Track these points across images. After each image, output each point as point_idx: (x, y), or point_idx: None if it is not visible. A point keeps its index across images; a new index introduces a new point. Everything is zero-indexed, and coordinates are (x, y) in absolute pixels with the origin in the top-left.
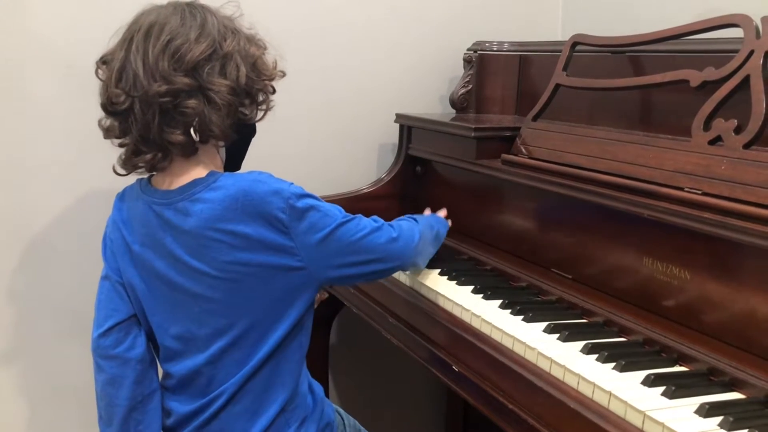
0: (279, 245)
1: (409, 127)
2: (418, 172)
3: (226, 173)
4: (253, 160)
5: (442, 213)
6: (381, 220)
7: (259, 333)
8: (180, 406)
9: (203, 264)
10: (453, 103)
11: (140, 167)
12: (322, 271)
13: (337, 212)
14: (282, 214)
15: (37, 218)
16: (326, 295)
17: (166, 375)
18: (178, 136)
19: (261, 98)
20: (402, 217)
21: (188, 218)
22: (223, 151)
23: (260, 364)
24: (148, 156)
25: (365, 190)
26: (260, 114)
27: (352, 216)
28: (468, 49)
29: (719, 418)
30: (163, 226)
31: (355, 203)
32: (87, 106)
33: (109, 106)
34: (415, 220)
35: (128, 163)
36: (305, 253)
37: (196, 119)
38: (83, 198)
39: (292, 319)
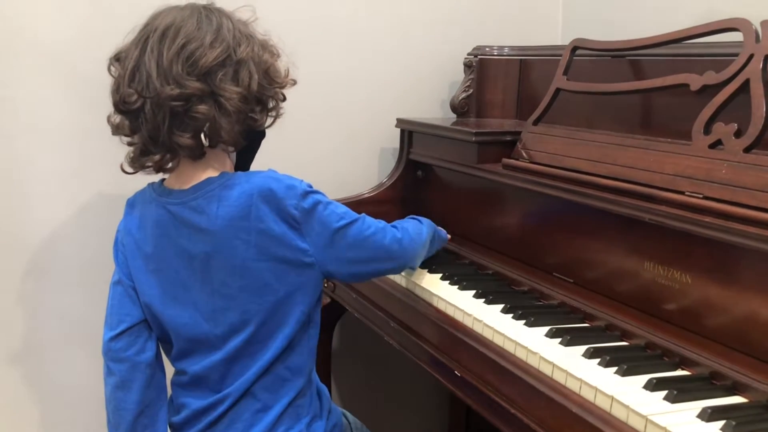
0: (291, 241)
1: (410, 132)
2: (419, 176)
3: (239, 172)
4: (255, 165)
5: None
6: (384, 222)
7: (271, 328)
8: (194, 402)
9: (220, 261)
10: (454, 108)
11: (148, 167)
12: (328, 265)
13: (346, 211)
14: (294, 210)
15: (40, 224)
16: (328, 300)
17: (180, 372)
18: (186, 140)
19: (271, 105)
20: (407, 218)
21: (205, 216)
22: (233, 155)
23: (273, 359)
24: (156, 157)
25: (366, 195)
26: (270, 120)
27: (358, 215)
28: (468, 54)
29: (721, 422)
30: (178, 225)
31: (356, 208)
32: (87, 110)
33: (121, 104)
34: (419, 220)
35: (136, 163)
36: (315, 249)
37: (207, 124)
38: (86, 203)
39: (301, 313)
